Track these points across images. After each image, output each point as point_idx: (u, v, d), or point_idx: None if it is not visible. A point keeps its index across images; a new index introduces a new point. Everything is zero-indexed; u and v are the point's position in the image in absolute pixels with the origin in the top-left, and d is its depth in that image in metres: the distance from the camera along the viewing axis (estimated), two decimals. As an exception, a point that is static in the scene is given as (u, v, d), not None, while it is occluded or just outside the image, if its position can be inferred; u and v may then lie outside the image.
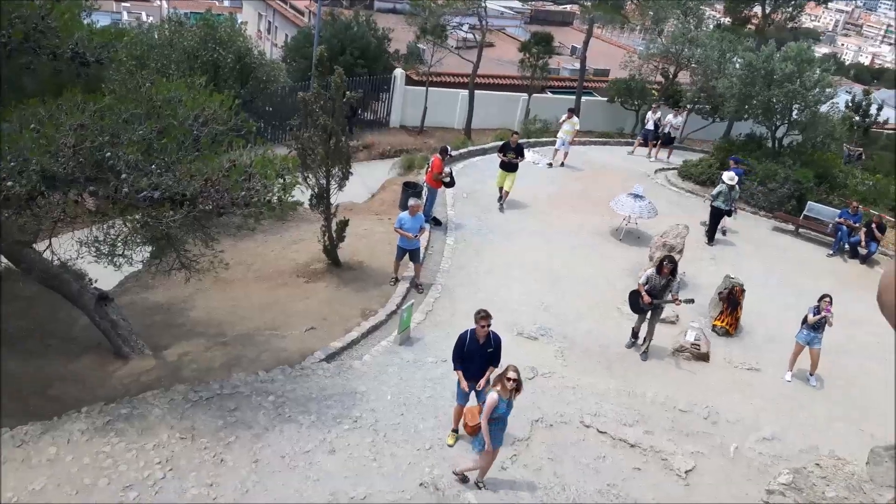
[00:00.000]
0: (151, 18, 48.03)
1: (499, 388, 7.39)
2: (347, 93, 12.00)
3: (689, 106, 26.81)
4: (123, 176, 7.73)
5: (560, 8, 39.96)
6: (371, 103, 26.80)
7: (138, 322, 10.50)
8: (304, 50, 26.55)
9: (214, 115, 8.67)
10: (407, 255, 12.51)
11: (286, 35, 37.69)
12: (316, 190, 12.13)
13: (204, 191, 8.14)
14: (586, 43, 28.59)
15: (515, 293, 12.93)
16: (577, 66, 29.78)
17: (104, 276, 9.99)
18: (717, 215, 16.58)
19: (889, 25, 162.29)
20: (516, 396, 7.57)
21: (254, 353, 10.08)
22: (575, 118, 21.02)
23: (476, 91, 26.39)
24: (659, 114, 23.51)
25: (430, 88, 26.30)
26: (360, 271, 13.05)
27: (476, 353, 8.26)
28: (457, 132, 26.46)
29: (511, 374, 7.34)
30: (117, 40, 10.40)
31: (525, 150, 17.66)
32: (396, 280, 12.68)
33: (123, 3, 66.35)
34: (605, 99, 28.58)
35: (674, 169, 22.16)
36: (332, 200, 12.31)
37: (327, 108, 11.69)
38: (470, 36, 29.11)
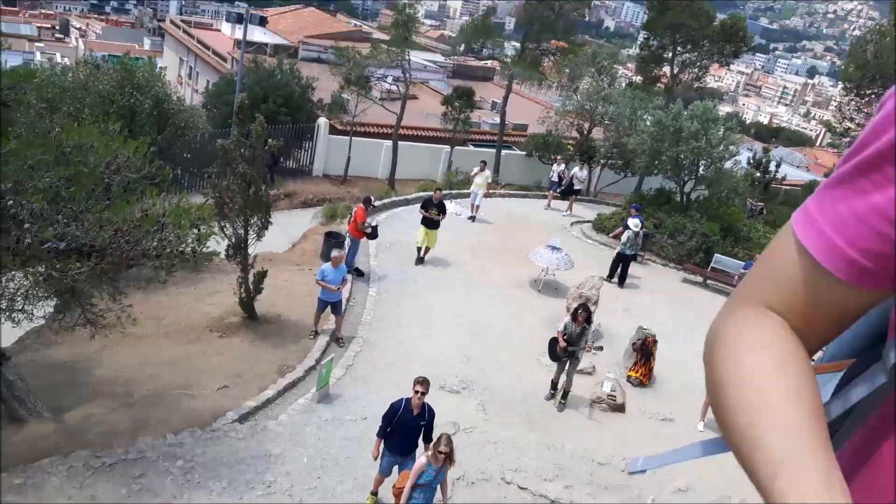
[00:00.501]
0: (66, 59, 46.63)
1: (430, 454, 7.31)
2: (269, 141, 11.89)
3: (602, 161, 27.84)
4: (26, 226, 7.36)
5: (481, 63, 41.12)
6: (294, 151, 26.62)
7: (38, 381, 9.84)
8: (225, 97, 26.24)
9: (128, 162, 8.40)
10: (328, 307, 12.32)
11: (208, 81, 37.22)
12: (233, 240, 11.84)
13: (113, 241, 7.83)
14: (506, 98, 29.52)
15: (437, 345, 12.88)
16: (498, 120, 30.68)
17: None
18: (624, 260, 17.52)
19: (785, 87, 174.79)
20: (451, 467, 7.51)
21: (162, 414, 9.59)
22: (487, 171, 21.33)
23: (400, 142, 26.67)
24: (563, 166, 24.30)
25: (354, 138, 26.38)
26: (277, 325, 12.74)
27: (408, 424, 7.94)
28: (380, 182, 26.56)
29: (443, 448, 7.25)
30: (26, 82, 10.02)
31: (447, 203, 17.77)
32: (316, 333, 12.43)
33: (37, 44, 64.19)
34: (524, 153, 29.37)
35: (588, 222, 22.87)
36: (249, 251, 12.03)
37: (247, 157, 11.52)
38: (394, 88, 29.51)
